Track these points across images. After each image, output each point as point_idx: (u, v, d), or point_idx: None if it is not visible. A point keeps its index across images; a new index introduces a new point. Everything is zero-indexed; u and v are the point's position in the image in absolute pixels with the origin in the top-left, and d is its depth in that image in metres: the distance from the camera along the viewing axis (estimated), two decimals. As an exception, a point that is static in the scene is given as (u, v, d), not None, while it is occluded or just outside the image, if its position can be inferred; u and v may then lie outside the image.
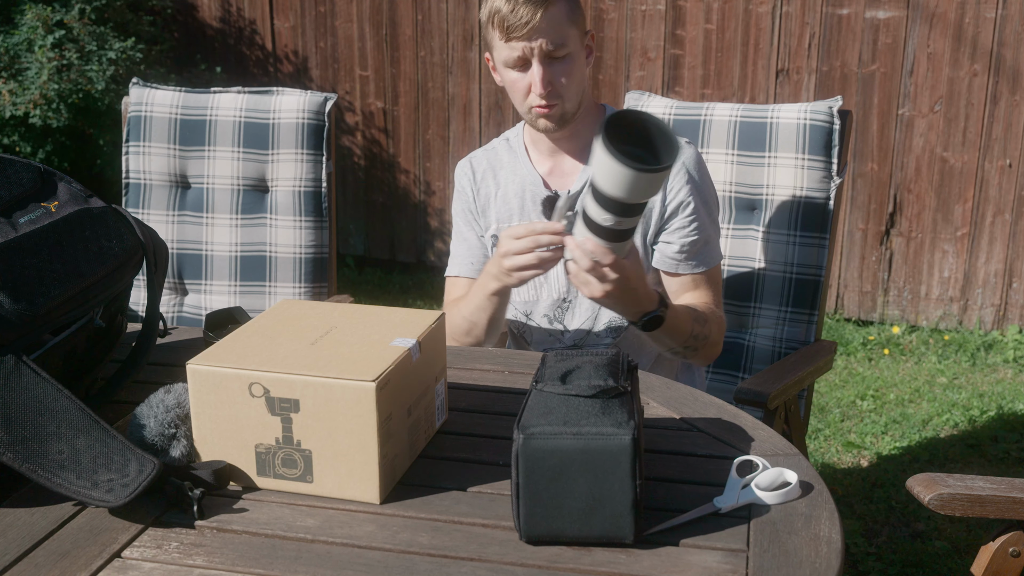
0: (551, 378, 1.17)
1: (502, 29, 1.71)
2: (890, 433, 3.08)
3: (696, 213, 1.80)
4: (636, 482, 1.06)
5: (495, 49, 1.76)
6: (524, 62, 1.73)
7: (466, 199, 1.93)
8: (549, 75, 1.72)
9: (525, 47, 1.70)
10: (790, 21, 3.68)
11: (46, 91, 3.70)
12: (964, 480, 1.34)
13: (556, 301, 1.86)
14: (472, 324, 1.77)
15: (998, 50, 3.49)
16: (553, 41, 1.70)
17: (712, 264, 1.84)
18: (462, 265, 1.93)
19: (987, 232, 3.66)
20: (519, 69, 1.74)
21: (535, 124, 1.79)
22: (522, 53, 1.71)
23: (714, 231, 1.86)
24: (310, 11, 4.29)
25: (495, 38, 1.74)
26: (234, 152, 2.31)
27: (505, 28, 1.70)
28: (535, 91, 1.73)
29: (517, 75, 1.75)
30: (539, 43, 1.70)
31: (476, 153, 1.96)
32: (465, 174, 1.93)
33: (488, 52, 1.82)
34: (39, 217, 1.34)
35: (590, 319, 1.85)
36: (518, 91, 1.77)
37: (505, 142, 1.93)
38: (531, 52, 1.71)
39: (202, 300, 2.35)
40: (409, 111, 4.26)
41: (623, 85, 3.92)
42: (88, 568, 1.06)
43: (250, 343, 1.25)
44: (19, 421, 1.16)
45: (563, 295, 1.86)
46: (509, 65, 1.75)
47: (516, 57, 1.72)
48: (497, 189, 1.90)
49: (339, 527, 1.14)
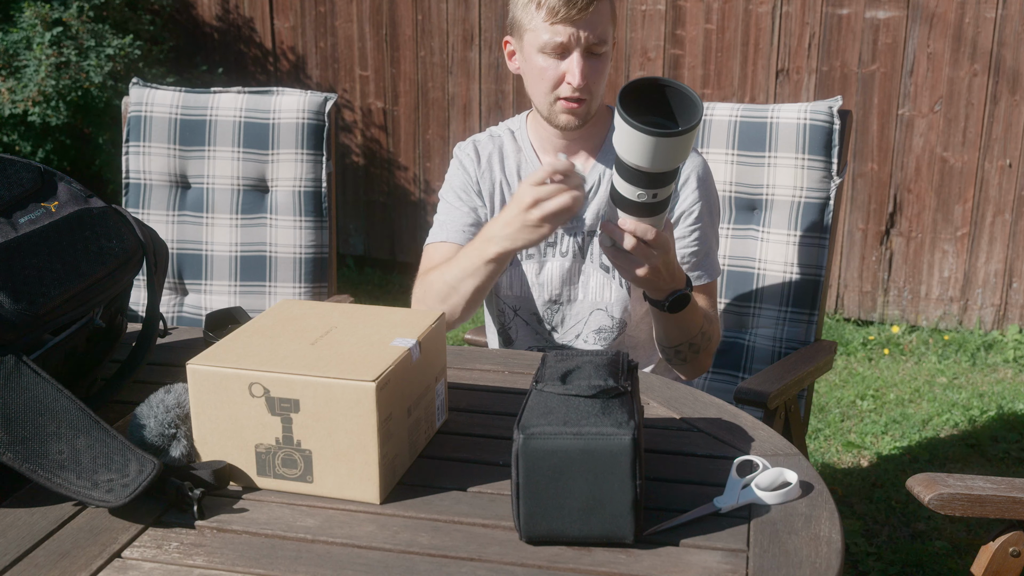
0: (551, 378, 1.17)
1: (551, 11, 1.64)
2: (890, 433, 3.08)
3: (700, 223, 1.78)
4: (636, 482, 1.06)
5: (531, 31, 1.69)
6: (564, 50, 1.67)
7: (467, 178, 1.85)
8: (587, 69, 1.68)
9: (572, 34, 1.65)
10: (790, 21, 3.68)
11: (44, 87, 3.70)
12: (964, 480, 1.33)
13: (547, 302, 1.83)
14: (452, 290, 1.66)
15: (998, 50, 3.49)
16: (598, 35, 1.67)
17: (712, 277, 1.81)
18: (451, 231, 1.82)
19: (987, 232, 3.66)
20: (556, 56, 1.68)
21: (556, 119, 1.73)
22: (567, 40, 1.66)
23: (715, 243, 1.83)
24: (310, 11, 4.29)
25: (536, 20, 1.67)
26: (234, 152, 2.31)
27: (555, 11, 1.64)
28: (570, 81, 1.68)
29: (550, 62, 1.69)
30: (587, 34, 1.66)
31: (480, 137, 1.88)
32: (468, 155, 1.86)
33: (512, 35, 1.75)
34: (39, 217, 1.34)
35: (580, 323, 1.83)
36: (547, 79, 1.70)
37: (510, 134, 1.87)
38: (576, 40, 1.66)
39: (202, 300, 2.35)
40: (409, 111, 4.26)
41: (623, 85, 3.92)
42: (88, 568, 1.06)
43: (250, 343, 1.25)
44: (19, 421, 1.16)
45: (555, 296, 1.83)
46: (546, 50, 1.68)
47: (558, 43, 1.66)
48: (503, 179, 1.84)
49: (339, 527, 1.14)
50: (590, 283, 1.81)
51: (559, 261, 1.81)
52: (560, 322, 1.84)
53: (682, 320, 1.67)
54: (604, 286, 1.80)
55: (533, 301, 1.84)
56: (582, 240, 1.80)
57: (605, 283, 1.80)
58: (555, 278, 1.82)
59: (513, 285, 1.84)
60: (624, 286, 1.79)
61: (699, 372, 1.82)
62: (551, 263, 1.81)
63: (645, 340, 1.87)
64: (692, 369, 1.80)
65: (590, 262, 1.80)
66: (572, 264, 1.81)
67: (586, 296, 1.81)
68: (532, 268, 1.82)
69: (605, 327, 1.81)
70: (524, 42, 1.72)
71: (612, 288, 1.80)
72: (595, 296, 1.81)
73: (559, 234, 1.80)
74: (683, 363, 1.78)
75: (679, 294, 1.62)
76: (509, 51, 1.79)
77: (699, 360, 1.78)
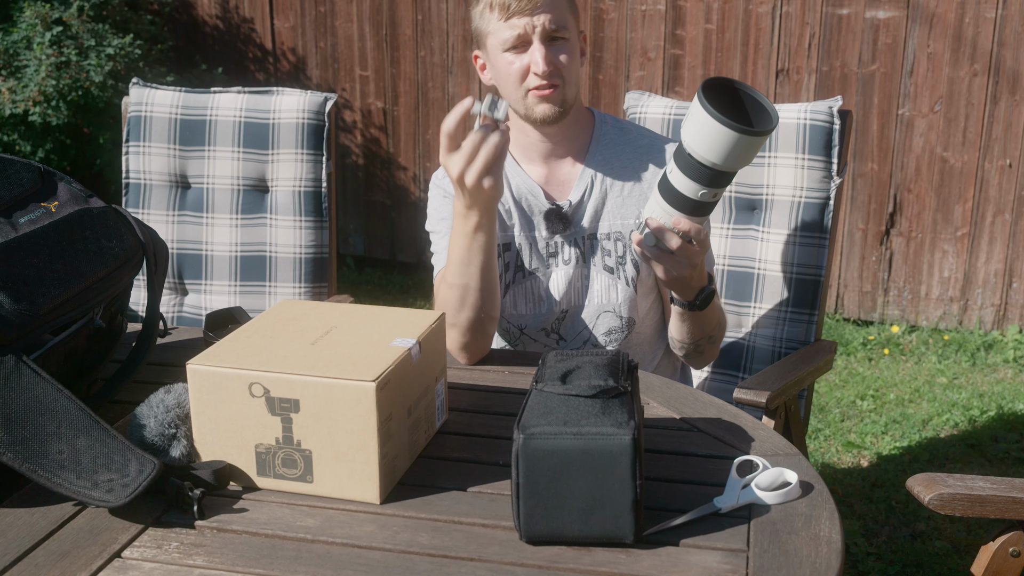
0: (551, 378, 1.17)
1: (503, 8, 1.67)
2: (890, 433, 3.08)
3: None
4: (636, 482, 1.06)
5: (491, 34, 1.71)
6: (524, 41, 1.68)
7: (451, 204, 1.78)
8: (550, 54, 1.68)
9: (527, 23, 1.67)
10: (790, 21, 3.68)
11: (44, 87, 3.70)
12: (964, 480, 1.33)
13: (555, 313, 1.82)
14: (464, 288, 1.58)
15: (998, 50, 3.49)
16: (555, 21, 1.68)
17: (712, 266, 1.83)
18: None
19: (987, 232, 3.66)
20: (517, 51, 1.70)
21: (533, 112, 1.73)
22: (523, 31, 1.67)
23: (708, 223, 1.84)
24: (310, 11, 4.29)
25: (491, 21, 1.70)
26: (234, 152, 2.31)
27: (507, 6, 1.67)
28: (535, 70, 1.68)
29: (513, 57, 1.70)
30: (542, 20, 1.67)
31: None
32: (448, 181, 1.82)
33: (479, 48, 1.77)
34: (39, 217, 1.34)
35: (587, 328, 1.82)
36: (514, 75, 1.71)
37: None
38: (532, 29, 1.67)
39: (202, 300, 2.35)
40: (409, 111, 4.26)
41: (623, 85, 3.92)
42: (88, 568, 1.06)
43: (250, 343, 1.25)
44: (19, 421, 1.16)
45: (563, 305, 1.81)
46: (507, 47, 1.69)
47: (516, 36, 1.68)
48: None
49: (339, 527, 1.14)
50: (595, 287, 1.80)
51: (563, 270, 1.80)
52: (568, 330, 1.83)
53: (706, 315, 1.71)
54: (610, 287, 1.80)
55: (541, 317, 1.82)
56: (583, 246, 1.80)
57: (611, 284, 1.80)
58: (561, 287, 1.80)
59: (518, 304, 1.82)
60: (631, 284, 1.79)
61: (710, 360, 1.85)
62: (556, 272, 1.81)
63: (651, 335, 1.87)
64: (706, 360, 1.83)
65: (593, 266, 1.80)
66: (576, 270, 1.80)
67: (592, 300, 1.81)
68: (538, 283, 1.81)
69: (614, 328, 1.81)
70: (488, 48, 1.74)
71: (619, 288, 1.80)
72: (601, 299, 1.80)
73: (559, 243, 1.80)
74: (700, 355, 1.81)
75: (707, 291, 1.65)
76: (480, 64, 1.80)
77: (714, 349, 1.81)
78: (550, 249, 1.80)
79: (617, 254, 1.79)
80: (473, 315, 1.59)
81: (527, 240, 1.80)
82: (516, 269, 1.81)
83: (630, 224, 1.79)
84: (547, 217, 1.79)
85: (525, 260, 1.80)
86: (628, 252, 1.79)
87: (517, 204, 1.81)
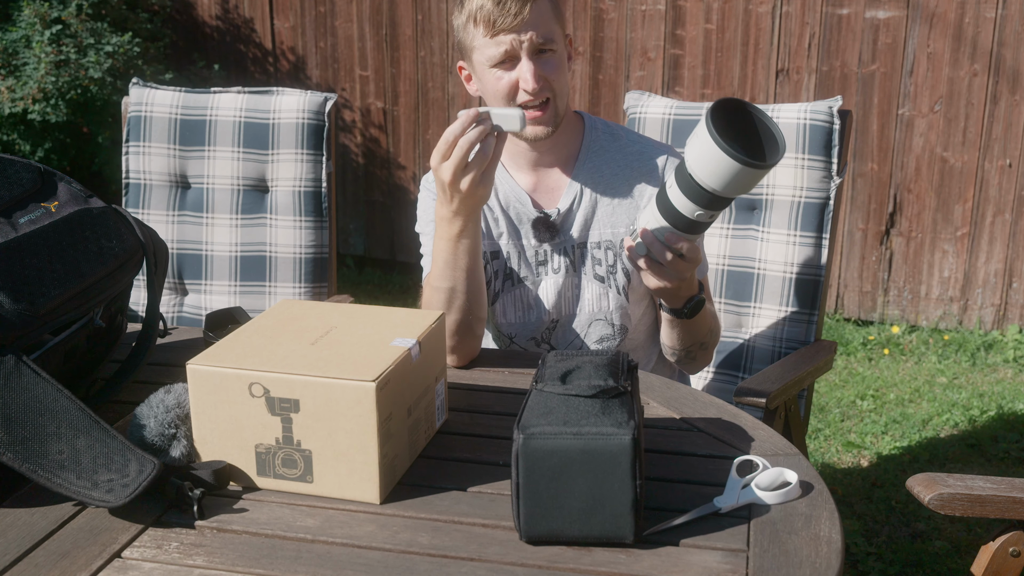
0: (551, 378, 1.17)
1: (488, 24, 1.63)
2: (890, 433, 3.08)
3: None
4: (636, 482, 1.06)
5: (476, 50, 1.68)
6: (511, 58, 1.65)
7: None
8: (539, 69, 1.65)
9: (514, 40, 1.63)
10: (790, 21, 3.68)
11: (44, 85, 3.70)
12: (964, 480, 1.33)
13: (545, 322, 1.81)
14: (450, 292, 1.58)
15: (998, 50, 3.49)
16: (542, 35, 1.64)
17: (705, 272, 1.82)
18: None
19: (987, 232, 3.66)
20: (504, 67, 1.66)
21: (524, 132, 1.69)
22: (510, 47, 1.64)
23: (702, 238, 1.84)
24: (310, 11, 4.29)
25: (477, 37, 1.66)
26: (234, 152, 2.31)
27: (491, 22, 1.63)
28: (525, 87, 1.65)
29: (502, 73, 1.66)
30: (529, 36, 1.63)
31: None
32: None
33: (463, 60, 1.74)
34: (39, 217, 1.34)
35: (578, 337, 1.81)
36: (502, 91, 1.67)
37: None
38: (520, 45, 1.64)
39: (202, 300, 2.35)
40: (409, 111, 4.26)
41: (623, 85, 3.92)
42: (88, 568, 1.06)
43: (250, 343, 1.25)
44: (19, 421, 1.16)
45: (553, 314, 1.80)
46: (493, 63, 1.66)
47: (503, 52, 1.64)
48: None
49: (339, 527, 1.14)
50: (586, 295, 1.79)
51: (552, 279, 1.79)
52: (559, 340, 1.81)
53: (696, 323, 1.71)
54: (601, 296, 1.79)
55: (530, 325, 1.80)
56: (572, 255, 1.79)
57: (602, 293, 1.79)
58: (551, 296, 1.79)
59: (507, 311, 1.80)
60: (622, 292, 1.79)
61: (704, 366, 1.85)
62: (545, 282, 1.79)
63: (645, 340, 1.87)
64: (699, 365, 1.83)
65: (584, 275, 1.79)
66: (566, 279, 1.79)
67: (583, 309, 1.80)
68: (527, 291, 1.80)
69: (606, 335, 1.80)
70: (474, 62, 1.71)
71: (610, 296, 1.79)
72: (592, 307, 1.79)
73: (548, 252, 1.79)
74: (692, 361, 1.81)
75: (696, 300, 1.65)
76: (465, 75, 1.77)
77: (707, 355, 1.81)
78: (539, 258, 1.79)
79: (608, 263, 1.78)
80: (460, 317, 1.59)
81: (515, 248, 1.79)
82: (505, 277, 1.80)
83: (621, 233, 1.77)
84: (535, 226, 1.78)
85: (514, 268, 1.79)
86: (619, 261, 1.78)
87: (505, 212, 1.79)
